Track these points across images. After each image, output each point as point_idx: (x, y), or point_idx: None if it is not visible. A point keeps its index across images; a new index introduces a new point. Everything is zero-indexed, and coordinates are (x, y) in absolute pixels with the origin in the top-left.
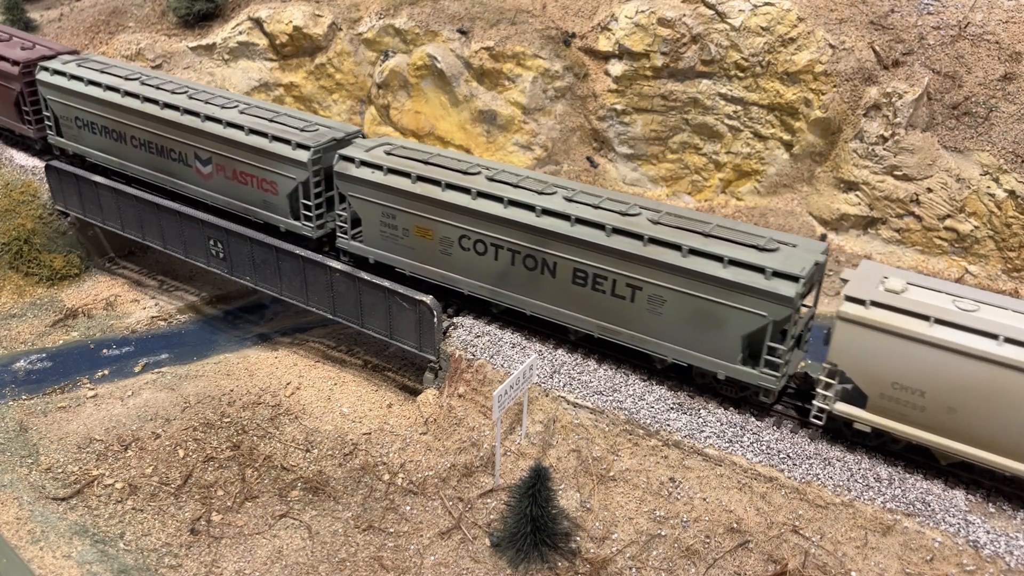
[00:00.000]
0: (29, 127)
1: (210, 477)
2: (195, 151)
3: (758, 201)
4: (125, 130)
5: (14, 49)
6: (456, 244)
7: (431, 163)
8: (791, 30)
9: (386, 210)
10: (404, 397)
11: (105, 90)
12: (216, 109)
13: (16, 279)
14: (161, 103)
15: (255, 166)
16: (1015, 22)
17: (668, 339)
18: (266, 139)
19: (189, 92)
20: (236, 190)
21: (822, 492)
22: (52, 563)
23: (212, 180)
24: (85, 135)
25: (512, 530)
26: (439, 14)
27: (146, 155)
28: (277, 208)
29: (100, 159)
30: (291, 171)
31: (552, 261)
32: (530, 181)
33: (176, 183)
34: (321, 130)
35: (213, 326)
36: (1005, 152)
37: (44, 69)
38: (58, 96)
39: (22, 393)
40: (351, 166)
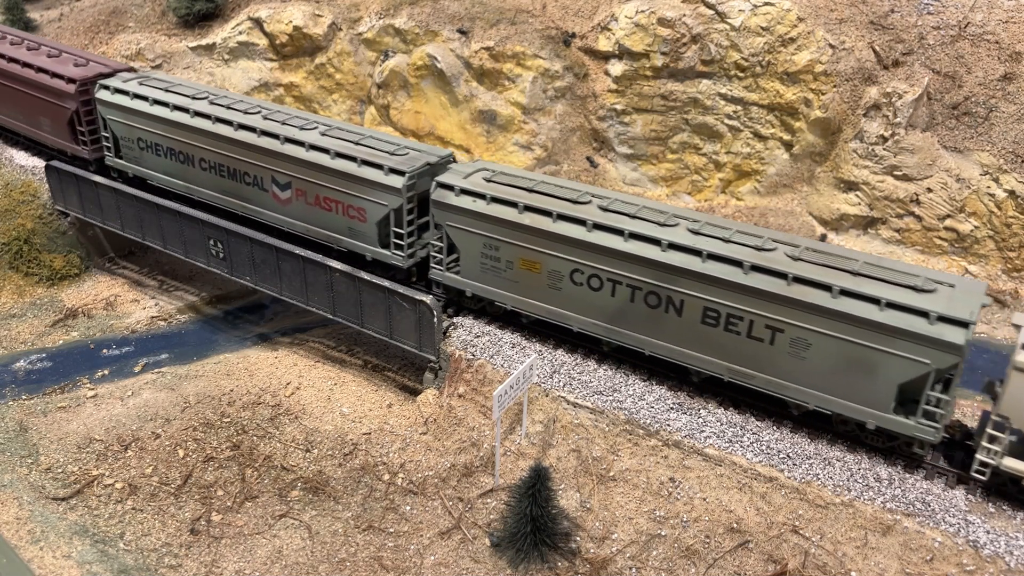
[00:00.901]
0: (83, 148)
1: (210, 477)
2: (273, 175)
3: (758, 201)
4: (194, 152)
5: (66, 65)
6: (567, 278)
7: (537, 191)
8: (791, 30)
9: (488, 241)
10: (404, 397)
11: (173, 110)
12: (295, 131)
13: (16, 279)
14: (235, 124)
15: (342, 191)
16: (1015, 22)
17: (811, 385)
18: (355, 163)
19: (263, 112)
20: (318, 216)
21: (822, 492)
22: (52, 563)
23: (291, 206)
24: (148, 157)
25: (512, 530)
26: (439, 14)
27: (216, 178)
28: (364, 236)
29: (164, 182)
30: (383, 197)
31: (679, 299)
32: (648, 211)
33: (249, 208)
34: (412, 154)
35: (213, 326)
36: (1005, 152)
37: (104, 87)
38: (119, 116)
39: (22, 393)
40: (450, 194)
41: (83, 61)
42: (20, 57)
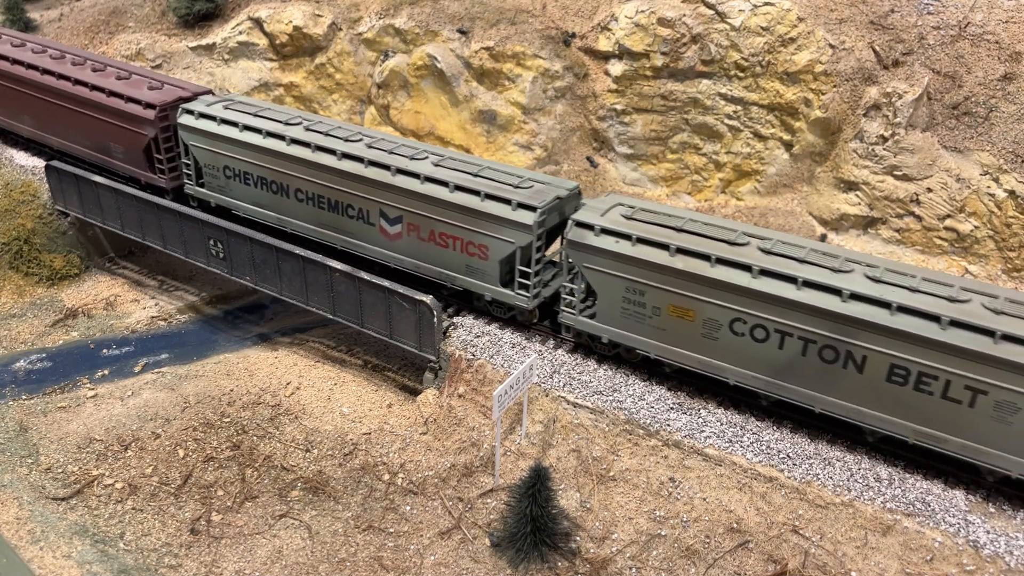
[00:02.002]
0: (160, 176)
1: (210, 477)
2: (381, 208)
3: (758, 201)
4: (289, 182)
5: (141, 88)
6: (726, 328)
7: (686, 231)
8: (791, 30)
9: (633, 285)
10: (404, 397)
11: (266, 137)
12: (407, 161)
13: (16, 279)
14: (339, 153)
15: (461, 227)
16: (1015, 22)
17: (1018, 452)
18: (478, 197)
19: (365, 139)
20: (431, 253)
21: (822, 492)
22: (52, 563)
23: (400, 241)
24: (235, 187)
25: (512, 530)
26: (439, 14)
27: (314, 211)
28: (484, 275)
29: (252, 213)
30: (510, 234)
31: (861, 354)
32: (816, 255)
33: (351, 242)
34: (537, 186)
35: (213, 326)
36: (1005, 152)
37: (187, 112)
38: (203, 142)
39: (22, 393)
40: (589, 234)
41: (157, 84)
42: (88, 80)
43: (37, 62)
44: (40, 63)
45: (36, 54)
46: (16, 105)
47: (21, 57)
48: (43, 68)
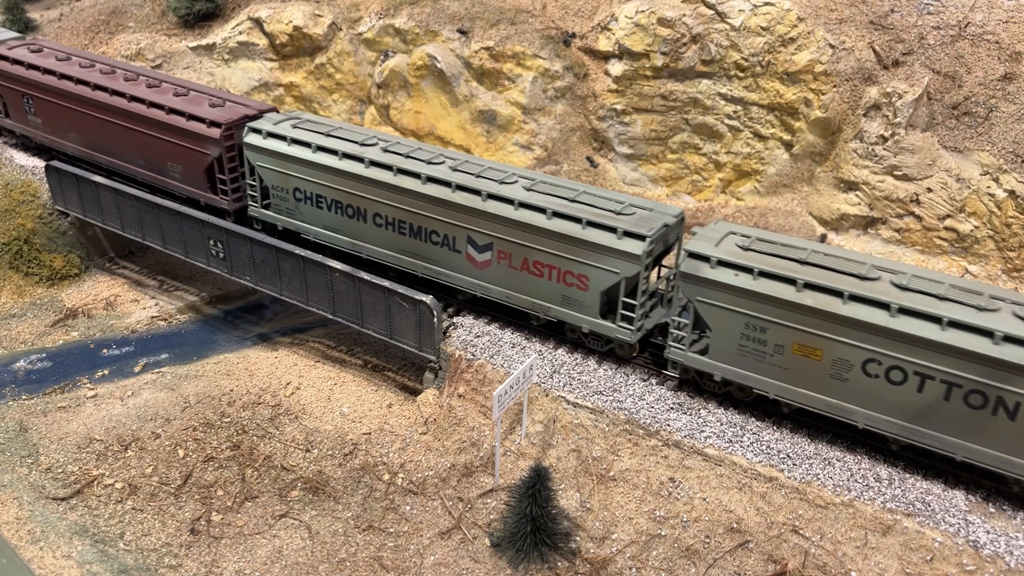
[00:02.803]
0: (223, 197)
1: (210, 477)
2: (469, 235)
3: (758, 201)
4: (367, 206)
5: (202, 106)
6: (858, 369)
7: (811, 263)
8: (791, 30)
9: (752, 321)
10: (404, 397)
11: (342, 158)
12: (497, 185)
13: (16, 279)
14: (423, 177)
15: (559, 256)
16: (1015, 22)
17: None
18: (579, 225)
19: (449, 161)
20: (524, 282)
21: (822, 492)
22: (52, 563)
23: (489, 270)
24: (306, 210)
25: (512, 530)
26: (439, 14)
27: (394, 236)
28: (582, 306)
29: (325, 238)
30: (615, 264)
31: (1014, 401)
32: (958, 291)
33: (434, 270)
34: (640, 212)
35: (213, 326)
36: (1005, 152)
37: (254, 131)
38: (272, 163)
39: (22, 393)
40: (704, 266)
41: (219, 100)
42: (145, 96)
43: (87, 77)
44: (91, 78)
45: (85, 68)
46: (63, 121)
47: (69, 71)
48: (94, 83)
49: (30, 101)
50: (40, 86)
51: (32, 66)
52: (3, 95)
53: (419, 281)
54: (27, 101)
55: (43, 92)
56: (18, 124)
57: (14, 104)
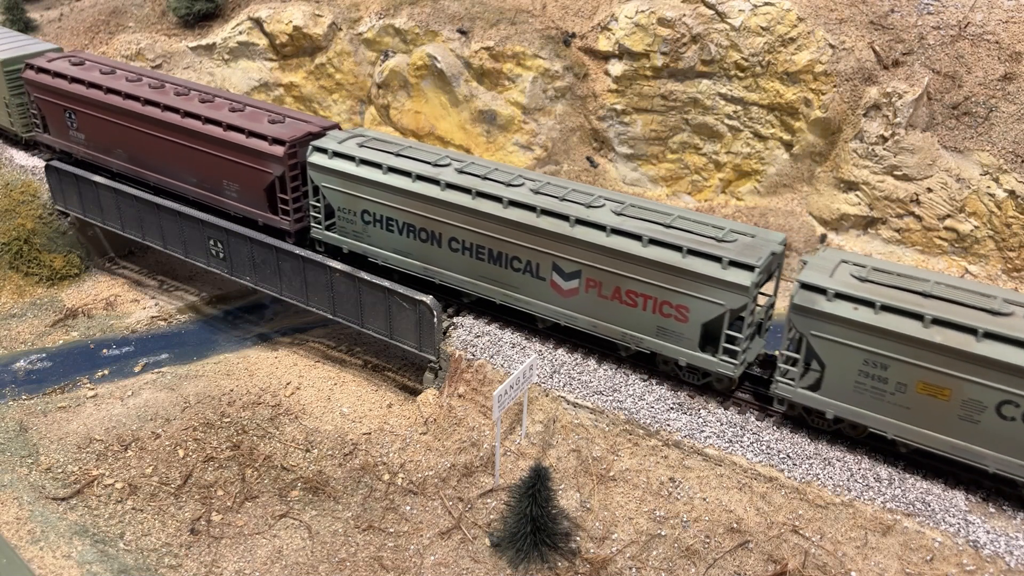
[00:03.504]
0: (284, 218)
1: (210, 477)
2: (555, 261)
3: (758, 201)
4: (442, 230)
5: (261, 122)
6: (992, 411)
7: (936, 296)
8: (791, 30)
9: (873, 357)
10: (404, 397)
11: (415, 180)
12: (584, 209)
13: (16, 279)
14: (505, 200)
15: (656, 285)
16: (1015, 22)
17: None
18: (678, 253)
19: (529, 184)
20: (615, 312)
21: (822, 492)
22: (52, 563)
23: (576, 298)
24: (375, 233)
25: (512, 530)
26: (439, 14)
27: (471, 262)
28: (679, 338)
29: (395, 262)
30: (719, 295)
31: None
32: None
33: (514, 297)
34: (743, 240)
35: (213, 326)
36: (1005, 152)
37: (318, 150)
38: (338, 184)
39: (22, 393)
40: (820, 298)
41: (278, 117)
42: (201, 112)
43: (136, 91)
44: (140, 92)
45: (132, 83)
46: (109, 137)
47: (116, 86)
48: (145, 98)
49: (73, 116)
50: (85, 100)
51: (76, 80)
52: (42, 109)
53: (496, 308)
54: (69, 116)
55: (88, 107)
56: (58, 140)
57: (54, 119)
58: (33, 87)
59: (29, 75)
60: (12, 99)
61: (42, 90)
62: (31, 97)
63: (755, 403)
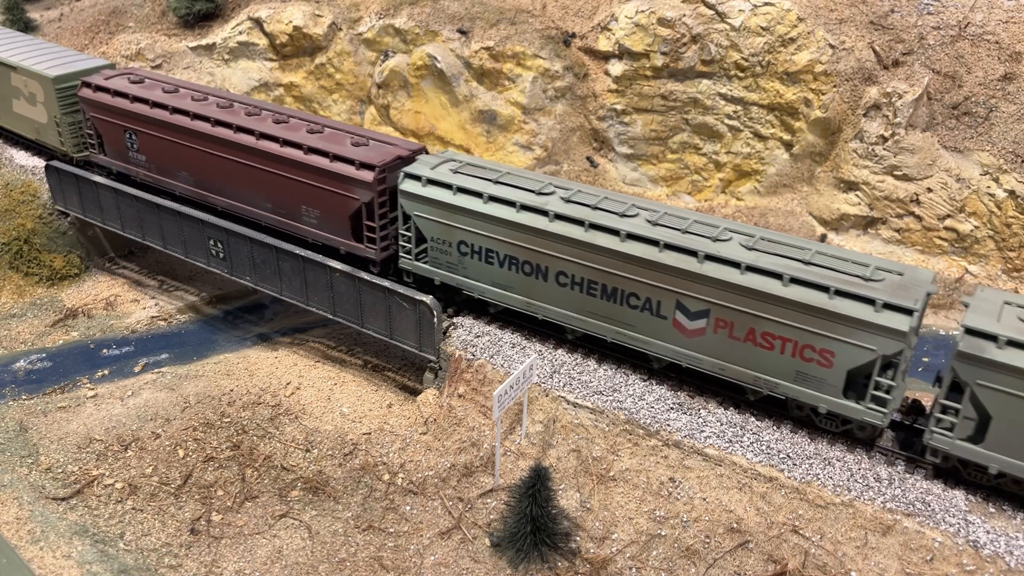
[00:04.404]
0: (370, 247)
1: (210, 477)
2: (679, 299)
3: (758, 201)
4: (549, 263)
5: (343, 144)
6: None
7: None
8: (791, 30)
9: None
10: (404, 397)
11: (520, 210)
12: (711, 244)
13: (16, 279)
14: (623, 234)
15: (799, 328)
16: (1015, 22)
17: None
18: (824, 294)
19: (644, 213)
20: (747, 355)
21: (822, 492)
22: (52, 563)
23: (703, 339)
24: (472, 264)
25: (512, 530)
26: (439, 14)
27: (580, 297)
28: (821, 384)
29: (494, 295)
30: (871, 340)
31: None
32: None
33: (631, 336)
34: (891, 277)
35: (213, 326)
36: (1005, 152)
37: (411, 178)
38: (434, 213)
39: (22, 393)
40: (990, 346)
41: (362, 139)
42: (278, 133)
43: (205, 111)
44: (209, 112)
45: (199, 102)
46: (173, 159)
47: (183, 105)
48: (215, 119)
49: (134, 137)
50: (148, 120)
51: (139, 99)
52: (99, 129)
53: (607, 346)
54: (130, 137)
55: (151, 127)
56: (115, 161)
57: (113, 139)
58: (90, 106)
59: (86, 93)
60: (64, 117)
61: (100, 109)
62: (86, 116)
63: (901, 453)
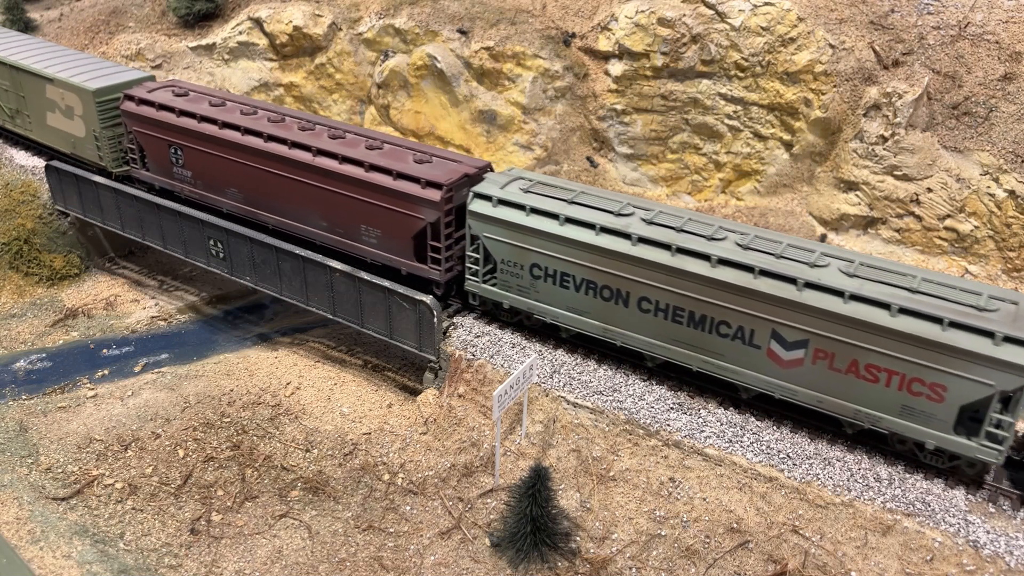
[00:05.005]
0: (434, 268)
1: (210, 477)
2: (775, 328)
3: (758, 201)
4: (631, 289)
5: (406, 162)
6: None
7: None
8: (791, 30)
9: None
10: (404, 397)
11: (600, 233)
12: (809, 270)
13: (16, 279)
14: (714, 259)
15: (907, 361)
16: (1015, 22)
17: None
18: (937, 325)
19: (733, 236)
20: (848, 387)
21: (822, 492)
22: (52, 563)
23: (799, 370)
24: (545, 288)
25: (512, 530)
26: (439, 14)
27: (664, 324)
28: (930, 419)
29: (568, 320)
30: (990, 375)
31: None
32: None
33: (717, 364)
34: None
35: (213, 326)
36: (1005, 152)
37: (481, 197)
38: (505, 235)
39: (22, 393)
40: None
41: (424, 156)
42: (336, 150)
43: (256, 126)
44: (262, 127)
45: (248, 116)
46: (222, 176)
47: (233, 119)
48: (268, 134)
49: (179, 152)
50: (195, 135)
51: (185, 112)
52: (142, 144)
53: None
54: (175, 152)
55: (199, 142)
56: (158, 176)
57: (156, 154)
58: (132, 119)
59: (128, 107)
60: (104, 131)
61: (143, 123)
62: (128, 130)
63: (1014, 491)
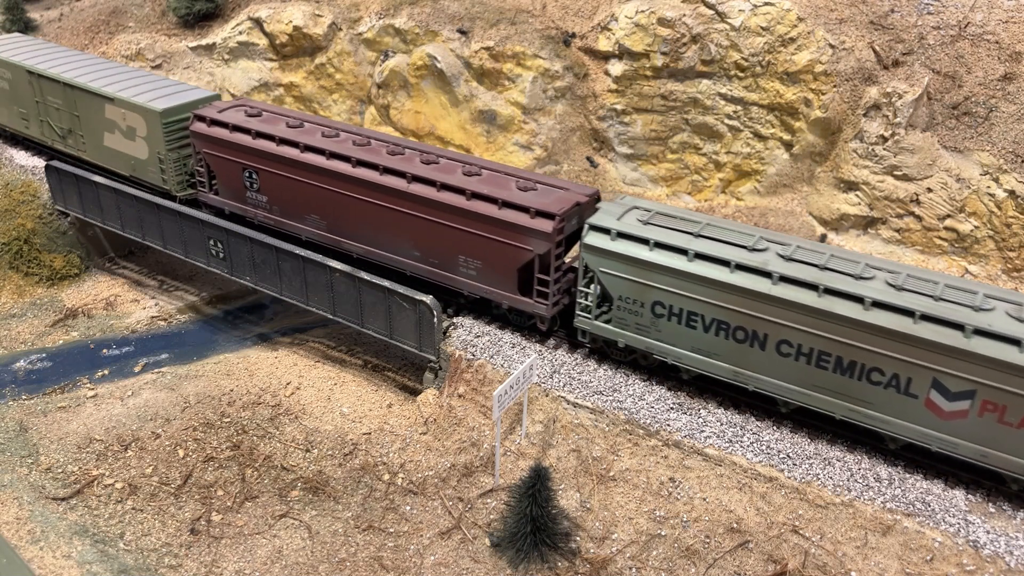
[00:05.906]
0: (540, 301)
1: (210, 477)
2: (936, 377)
3: (758, 201)
4: (769, 330)
5: (509, 189)
6: None
7: None
8: (791, 30)
9: None
10: (404, 397)
11: (735, 271)
12: (974, 314)
13: (16, 279)
14: (868, 301)
15: None
16: (1015, 22)
17: None
18: None
19: (881, 275)
20: (1020, 442)
21: (822, 492)
22: (52, 563)
23: (962, 422)
24: (668, 327)
25: (512, 530)
26: (439, 14)
27: (805, 369)
28: None
29: (693, 362)
30: None
31: None
32: None
33: (864, 413)
34: None
35: (213, 326)
36: (1005, 152)
37: (597, 230)
38: (624, 270)
39: (22, 393)
40: None
41: (528, 183)
42: (433, 177)
43: (343, 150)
44: (349, 152)
45: (331, 139)
46: (301, 201)
47: (316, 143)
48: (357, 159)
49: (254, 175)
50: (274, 159)
51: (262, 135)
52: (212, 167)
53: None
54: (249, 176)
55: (277, 166)
56: (229, 201)
57: (227, 178)
58: (202, 141)
59: (199, 128)
60: (169, 154)
61: (214, 145)
62: (196, 152)
63: None
